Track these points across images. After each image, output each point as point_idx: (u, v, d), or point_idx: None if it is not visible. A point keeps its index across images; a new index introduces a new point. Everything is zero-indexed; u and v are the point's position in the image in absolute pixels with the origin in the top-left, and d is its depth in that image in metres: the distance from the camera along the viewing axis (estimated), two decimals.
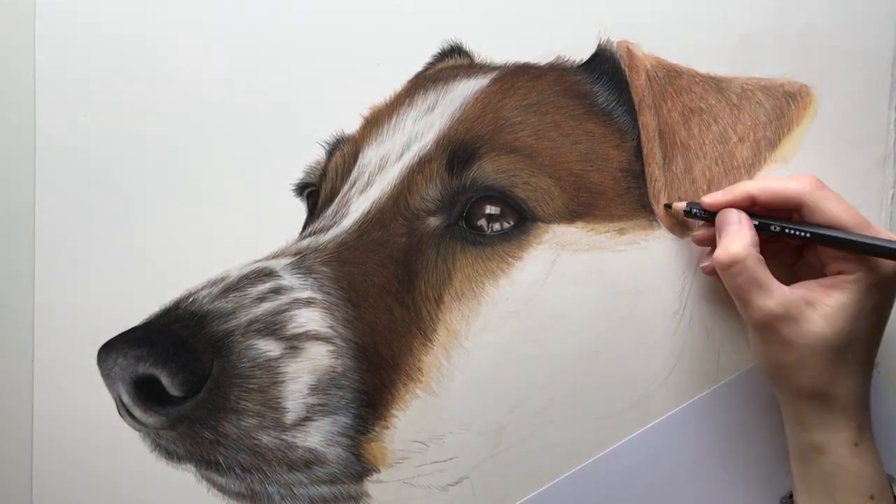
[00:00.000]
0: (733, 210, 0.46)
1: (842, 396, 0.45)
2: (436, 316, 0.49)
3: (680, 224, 0.51)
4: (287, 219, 0.52)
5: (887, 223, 0.53)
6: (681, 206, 0.49)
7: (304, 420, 0.46)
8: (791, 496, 0.49)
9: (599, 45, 0.51)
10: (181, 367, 0.43)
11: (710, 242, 0.49)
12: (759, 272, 0.44)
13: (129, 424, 0.47)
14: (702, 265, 0.50)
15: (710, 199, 0.47)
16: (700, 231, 0.49)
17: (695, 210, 0.48)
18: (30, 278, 0.52)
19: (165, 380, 0.43)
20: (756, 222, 0.46)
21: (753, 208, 0.46)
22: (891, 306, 0.46)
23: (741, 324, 0.51)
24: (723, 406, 0.50)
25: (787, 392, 0.46)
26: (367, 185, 0.51)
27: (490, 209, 0.49)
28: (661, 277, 0.51)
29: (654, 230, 0.51)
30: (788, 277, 0.46)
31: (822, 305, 0.44)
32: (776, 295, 0.44)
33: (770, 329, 0.44)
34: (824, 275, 0.46)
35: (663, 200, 0.50)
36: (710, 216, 0.48)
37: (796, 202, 0.45)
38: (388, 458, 0.48)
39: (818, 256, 0.47)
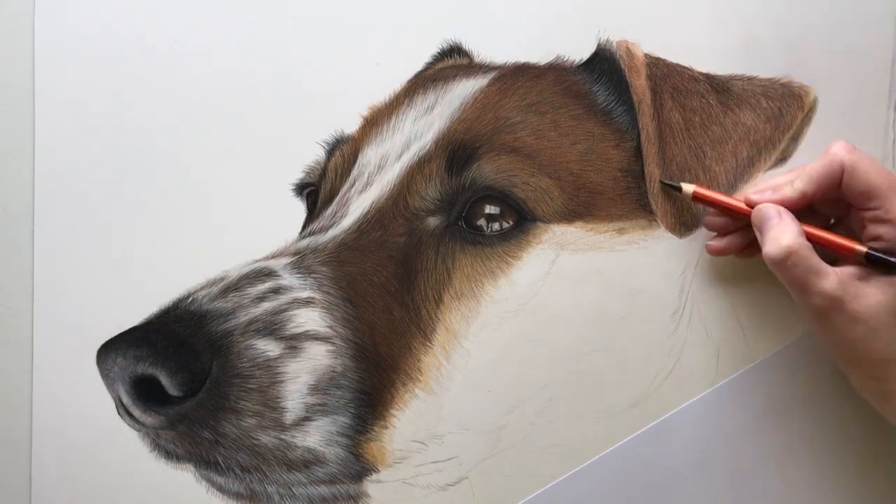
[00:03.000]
0: (770, 205, 0.47)
1: None
2: (435, 316, 0.49)
3: (680, 224, 0.51)
4: (286, 219, 0.52)
5: None
6: (690, 188, 0.49)
7: (304, 420, 0.46)
8: None
9: (599, 45, 0.51)
10: (180, 367, 0.43)
11: (722, 229, 0.50)
12: (813, 259, 0.45)
13: (129, 424, 0.46)
14: (709, 244, 0.50)
15: (757, 198, 0.48)
16: (715, 217, 0.50)
17: (718, 199, 0.48)
18: (29, 278, 0.52)
19: (165, 380, 0.43)
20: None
21: (804, 202, 0.47)
22: None
23: (741, 324, 0.51)
24: (722, 406, 0.50)
25: (862, 370, 0.47)
26: (367, 185, 0.51)
27: (489, 209, 0.49)
28: (661, 277, 0.51)
29: (654, 230, 0.51)
30: (823, 256, 0.47)
31: (872, 277, 0.45)
32: (832, 277, 0.44)
33: (834, 311, 0.45)
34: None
35: (662, 209, 0.50)
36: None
37: (839, 172, 0.46)
38: (387, 458, 0.48)
39: (850, 227, 0.48)
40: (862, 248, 0.45)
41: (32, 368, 0.52)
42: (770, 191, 0.48)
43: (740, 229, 0.49)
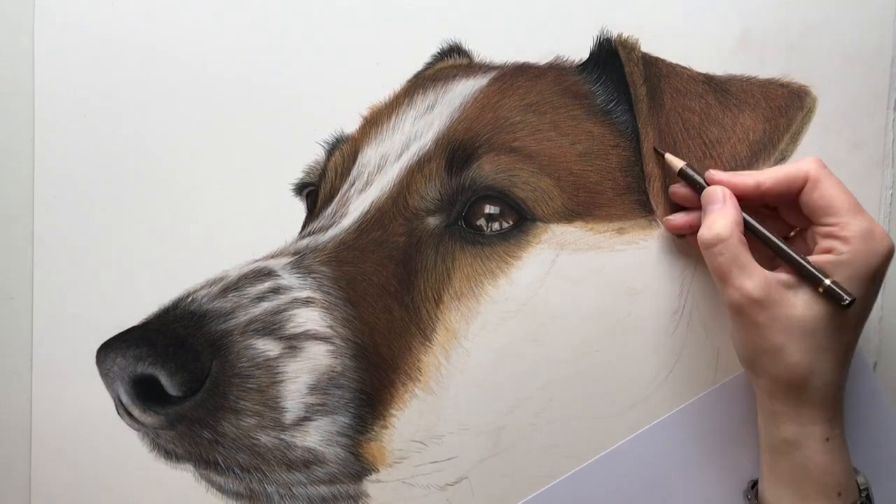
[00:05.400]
0: (719, 188, 0.46)
1: (817, 388, 0.44)
2: (435, 315, 0.49)
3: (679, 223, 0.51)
4: (286, 219, 0.52)
5: (886, 223, 0.53)
6: (678, 163, 0.48)
7: (303, 420, 0.46)
8: (754, 485, 0.49)
9: (599, 46, 0.51)
10: (180, 367, 0.43)
11: (683, 201, 0.49)
12: (741, 253, 0.44)
13: (128, 424, 0.46)
14: (668, 218, 0.49)
15: (717, 176, 0.47)
16: (680, 188, 0.49)
17: (690, 173, 0.48)
18: (29, 278, 0.52)
19: (164, 379, 0.43)
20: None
21: (757, 193, 0.46)
22: (875, 296, 0.45)
23: None
24: (722, 406, 0.50)
25: (763, 380, 0.45)
26: (367, 184, 0.51)
27: (489, 209, 0.49)
28: (661, 277, 0.51)
29: (654, 230, 0.51)
30: (770, 263, 0.46)
31: (803, 290, 0.44)
32: (756, 277, 0.43)
33: (748, 312, 0.44)
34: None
35: (662, 208, 0.50)
36: (700, 186, 0.48)
37: (802, 181, 0.45)
38: (386, 458, 0.48)
39: (805, 240, 0.47)
40: (826, 281, 0.43)
41: (32, 368, 0.52)
42: (729, 174, 0.47)
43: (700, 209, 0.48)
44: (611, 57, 0.51)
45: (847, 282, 0.43)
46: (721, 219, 0.45)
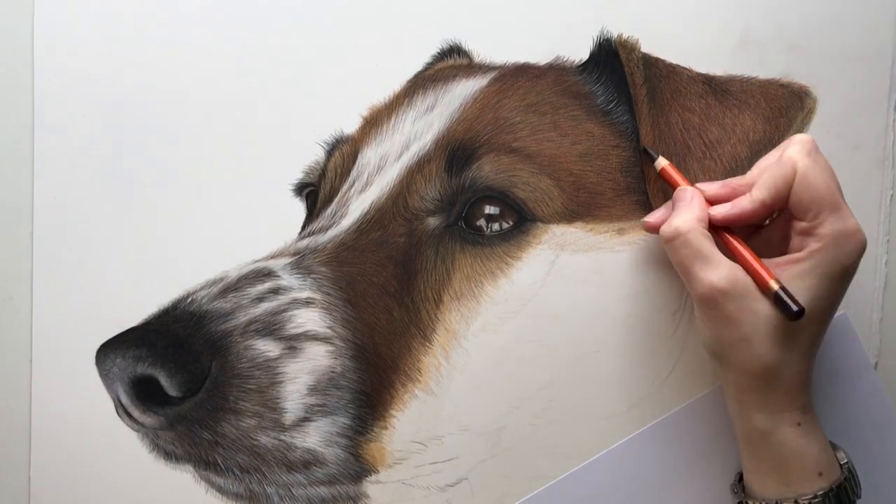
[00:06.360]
0: (688, 188, 0.46)
1: (786, 378, 0.44)
2: (435, 316, 0.49)
3: None
4: (286, 219, 0.52)
5: (886, 223, 0.53)
6: (663, 162, 0.48)
7: (303, 420, 0.46)
8: (741, 478, 0.49)
9: (599, 46, 0.51)
10: (179, 368, 0.43)
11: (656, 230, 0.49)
12: (704, 246, 0.44)
13: (128, 425, 0.47)
14: (645, 219, 0.49)
15: (708, 190, 0.46)
16: (653, 215, 0.48)
17: (670, 172, 0.48)
18: (28, 278, 0.52)
19: (164, 380, 0.43)
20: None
21: (767, 211, 0.45)
22: (844, 291, 0.45)
23: None
24: (722, 406, 0.50)
25: (731, 372, 0.45)
26: (367, 185, 0.51)
27: (489, 209, 0.49)
28: (661, 277, 0.51)
29: None
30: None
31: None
32: (722, 269, 0.43)
33: (714, 304, 0.43)
34: (782, 254, 0.45)
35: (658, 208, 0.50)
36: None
37: (792, 178, 0.44)
38: (386, 459, 0.48)
39: (777, 232, 0.47)
40: (774, 286, 0.43)
41: (32, 368, 0.52)
42: (730, 206, 0.45)
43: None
44: (611, 57, 0.51)
45: (818, 281, 0.43)
46: (682, 214, 0.45)
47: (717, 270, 0.43)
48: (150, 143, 0.52)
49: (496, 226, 0.49)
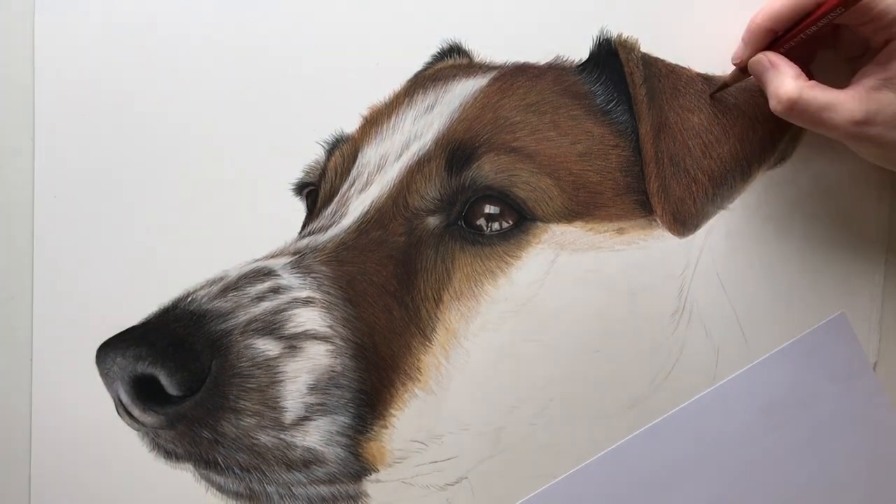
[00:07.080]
0: (761, 55, 0.46)
1: None
2: (435, 315, 0.49)
3: (679, 224, 0.51)
4: (286, 218, 0.52)
5: (886, 224, 0.53)
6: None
7: (303, 419, 0.46)
8: None
9: (598, 45, 0.51)
10: (180, 367, 0.43)
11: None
12: (819, 96, 0.43)
13: (128, 424, 0.46)
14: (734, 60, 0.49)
15: (736, 60, 0.48)
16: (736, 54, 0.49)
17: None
18: (28, 278, 0.52)
19: (164, 379, 0.43)
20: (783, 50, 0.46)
21: (776, 35, 0.45)
22: None
23: (740, 323, 0.51)
24: (722, 406, 0.50)
25: None
26: (367, 184, 0.51)
27: (489, 209, 0.49)
28: (660, 277, 0.51)
29: (653, 230, 0.51)
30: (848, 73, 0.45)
31: (884, 87, 0.43)
32: (849, 104, 0.43)
33: (863, 136, 0.43)
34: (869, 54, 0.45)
35: (661, 208, 0.50)
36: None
37: None
38: (386, 458, 0.48)
39: (854, 37, 0.46)
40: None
41: (32, 368, 0.52)
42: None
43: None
44: (610, 57, 0.51)
45: None
46: (780, 83, 0.44)
47: (847, 107, 0.43)
48: (150, 143, 0.52)
49: (496, 225, 0.49)
